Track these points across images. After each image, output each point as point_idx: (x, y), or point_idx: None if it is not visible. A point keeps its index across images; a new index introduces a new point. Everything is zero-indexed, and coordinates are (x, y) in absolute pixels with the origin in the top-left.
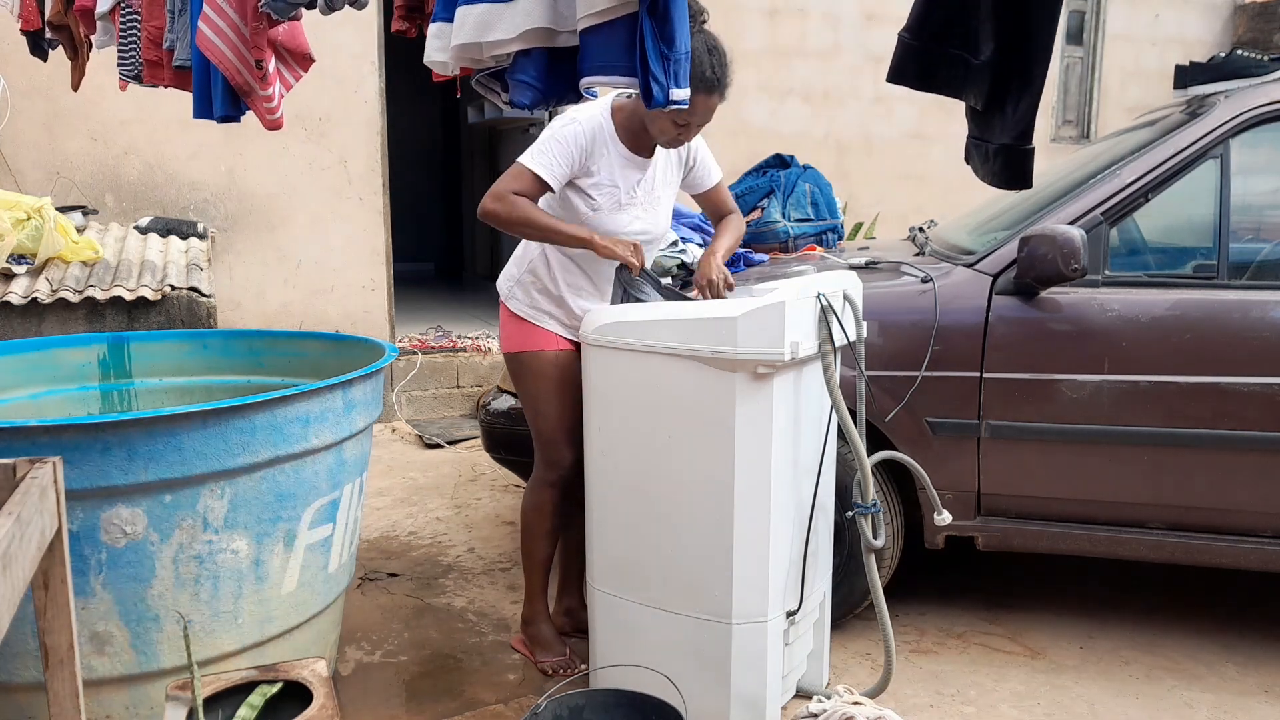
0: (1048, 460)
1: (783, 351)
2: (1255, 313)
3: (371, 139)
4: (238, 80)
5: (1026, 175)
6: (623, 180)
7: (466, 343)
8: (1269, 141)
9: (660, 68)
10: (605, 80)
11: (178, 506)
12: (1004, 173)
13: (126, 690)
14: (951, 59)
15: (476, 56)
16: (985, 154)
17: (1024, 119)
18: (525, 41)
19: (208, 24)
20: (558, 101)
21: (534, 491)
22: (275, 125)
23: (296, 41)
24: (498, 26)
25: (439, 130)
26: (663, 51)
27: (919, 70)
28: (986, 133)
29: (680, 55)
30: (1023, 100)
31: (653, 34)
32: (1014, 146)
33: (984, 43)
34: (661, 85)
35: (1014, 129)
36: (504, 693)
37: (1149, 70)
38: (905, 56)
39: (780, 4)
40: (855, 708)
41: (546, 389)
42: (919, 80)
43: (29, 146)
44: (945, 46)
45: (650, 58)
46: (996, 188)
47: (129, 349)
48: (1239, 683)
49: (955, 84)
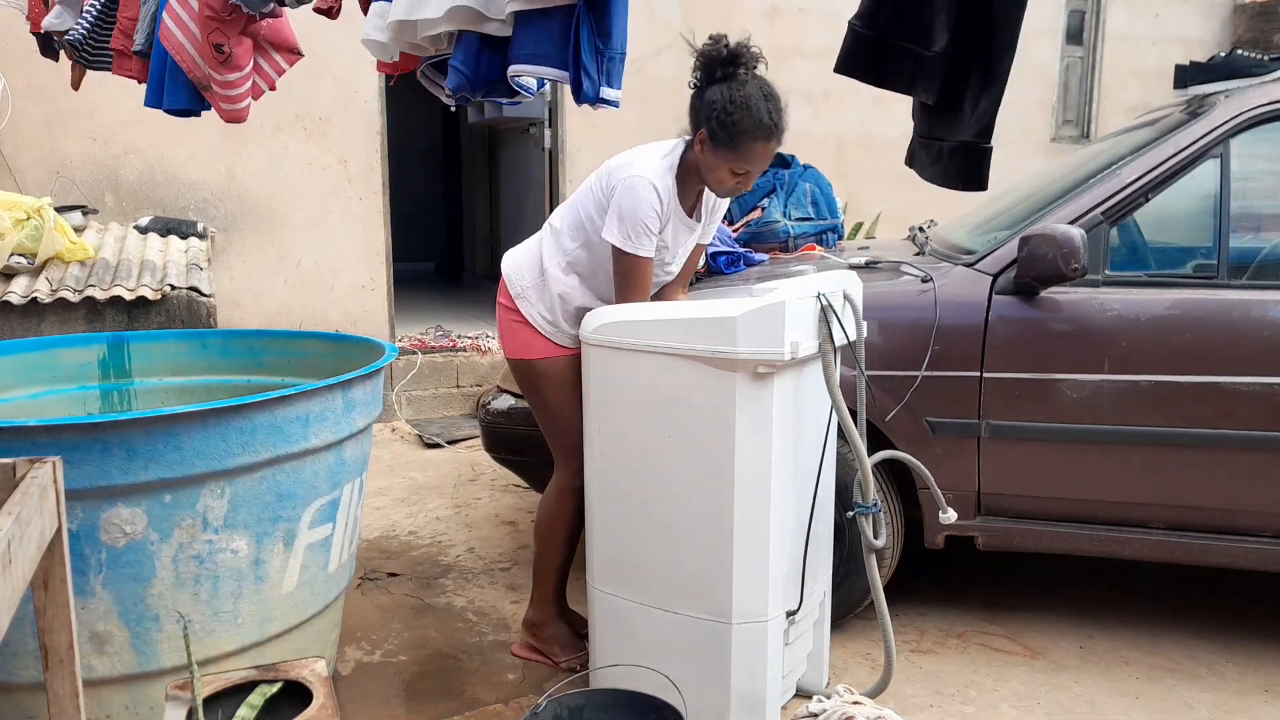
0: (1048, 460)
1: (783, 351)
2: (1255, 313)
3: (371, 139)
4: (197, 75)
5: (982, 176)
6: (674, 242)
7: (466, 342)
8: (1269, 141)
9: (593, 63)
10: (534, 70)
11: (178, 506)
12: (959, 173)
13: (126, 690)
14: (901, 51)
15: (411, 39)
16: (938, 153)
17: (985, 115)
18: (453, 21)
19: (171, 16)
20: (486, 91)
21: (556, 498)
22: (235, 118)
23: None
24: (427, 4)
25: (439, 130)
26: (598, 46)
27: (869, 61)
28: (940, 130)
29: (615, 54)
30: (984, 96)
31: (589, 27)
32: (973, 145)
33: (938, 34)
34: (592, 80)
35: (974, 126)
36: (504, 692)
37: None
38: (855, 45)
39: (780, 4)
40: (855, 708)
41: (562, 393)
42: (869, 72)
43: (29, 146)
44: (897, 38)
45: (584, 51)
46: (948, 189)
47: (129, 349)
48: (1239, 683)
49: (904, 77)
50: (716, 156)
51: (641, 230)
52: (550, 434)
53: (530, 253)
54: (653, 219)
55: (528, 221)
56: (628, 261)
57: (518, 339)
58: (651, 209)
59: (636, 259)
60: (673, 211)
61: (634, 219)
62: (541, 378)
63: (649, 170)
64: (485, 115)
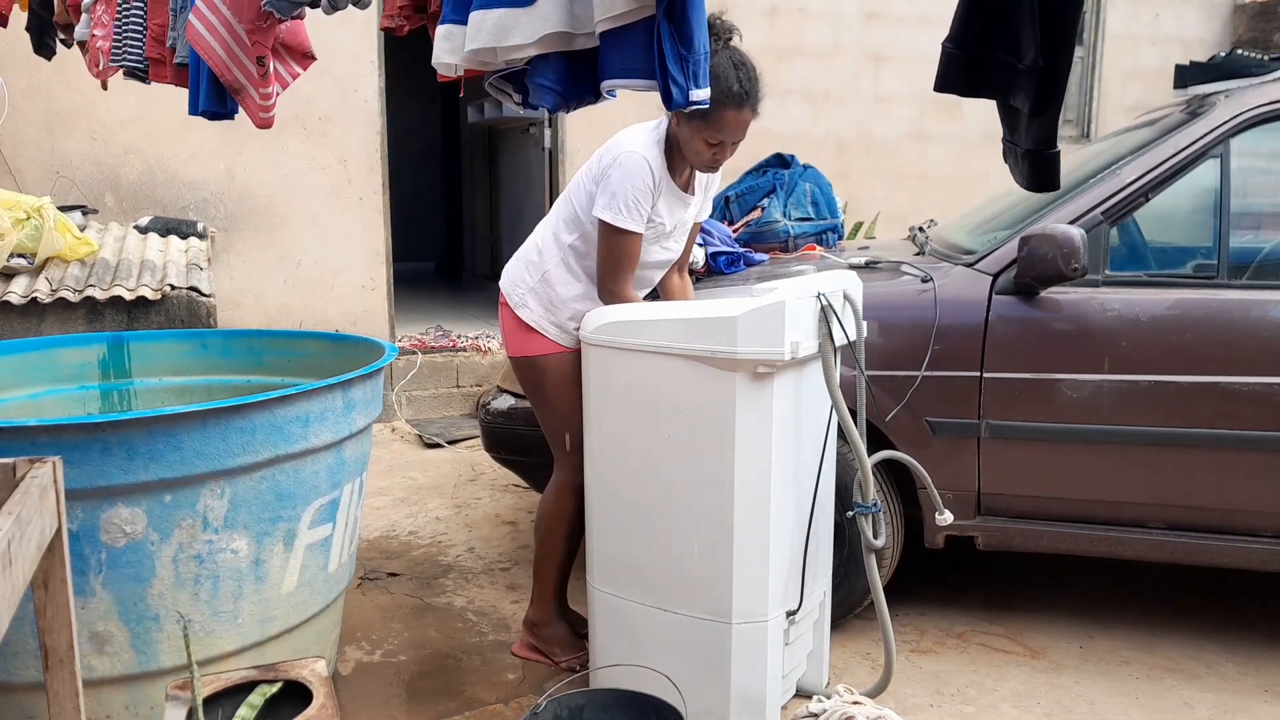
0: (1048, 460)
1: (783, 351)
2: (1255, 313)
3: (371, 139)
4: (227, 78)
5: (1055, 177)
6: (669, 217)
7: (466, 342)
8: (1269, 141)
9: (679, 69)
10: (625, 83)
11: (178, 506)
12: (1032, 175)
13: (126, 690)
14: (999, 64)
15: (490, 60)
16: (1017, 157)
17: (1050, 123)
18: (543, 46)
19: (199, 18)
20: (578, 104)
21: (556, 497)
22: (266, 124)
23: (298, 39)
24: (515, 32)
25: (439, 130)
26: (680, 53)
27: (965, 78)
28: (1015, 136)
29: (699, 56)
30: (1050, 105)
31: (670, 36)
32: (1039, 152)
33: (1026, 47)
34: (681, 87)
35: (1039, 132)
36: (504, 692)
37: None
38: (950, 66)
39: (780, 4)
40: (855, 707)
41: (564, 391)
42: (965, 87)
43: (29, 146)
44: (992, 52)
45: (669, 60)
46: (1028, 190)
47: (128, 348)
48: (1239, 683)
49: (1002, 88)
50: (690, 128)
51: (632, 205)
52: (551, 432)
53: (524, 260)
54: (644, 194)
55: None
56: (616, 238)
57: (519, 337)
58: (643, 183)
59: (625, 235)
60: (664, 185)
61: (625, 194)
62: (543, 375)
63: (638, 145)
64: (485, 115)
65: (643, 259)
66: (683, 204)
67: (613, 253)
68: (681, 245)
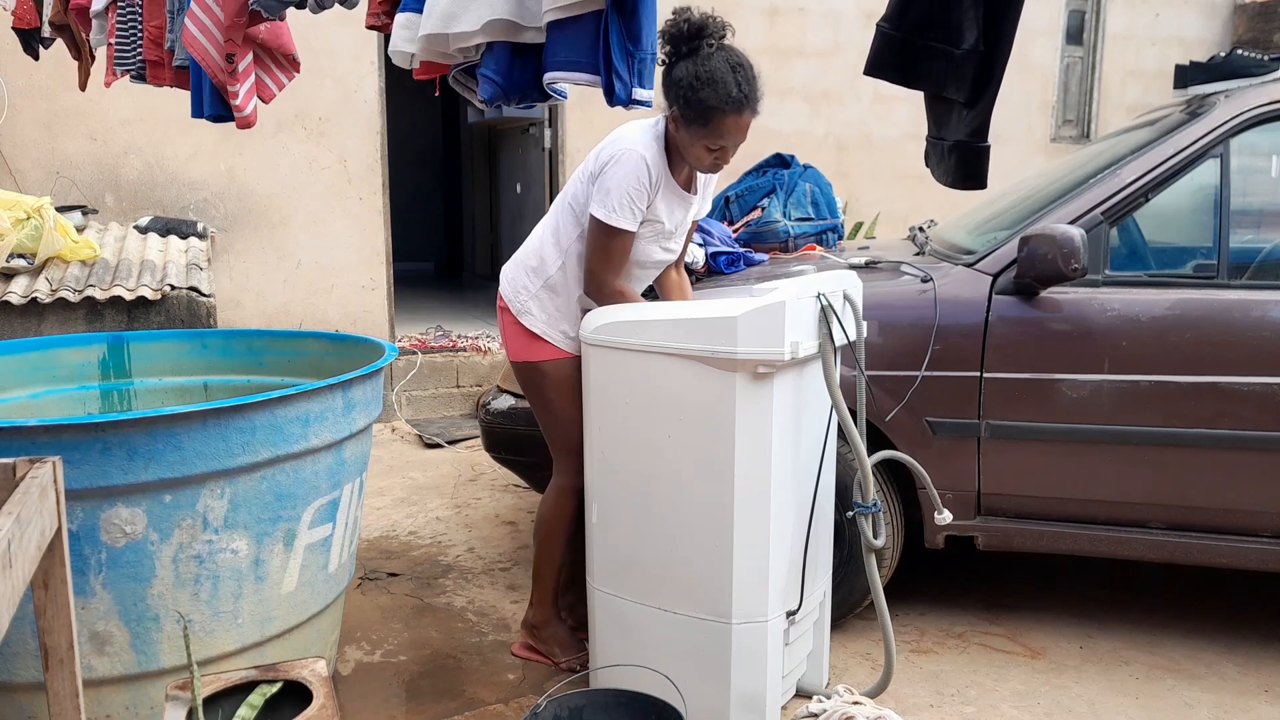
0: (1048, 460)
1: (783, 351)
2: (1255, 313)
3: (371, 139)
4: (220, 80)
5: (983, 174)
6: (669, 217)
7: (466, 342)
8: (1269, 141)
9: (624, 65)
10: (569, 77)
11: (178, 506)
12: (959, 170)
13: (126, 690)
14: (934, 52)
15: (443, 49)
16: (941, 152)
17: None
18: (489, 33)
19: (193, 21)
20: (520, 98)
21: (556, 500)
22: (246, 124)
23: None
24: (463, 18)
25: (439, 130)
26: (628, 49)
27: (898, 62)
28: (943, 130)
29: (646, 54)
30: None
31: (619, 30)
32: (968, 144)
33: (967, 31)
34: (625, 83)
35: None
36: (504, 692)
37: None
38: (884, 47)
39: (780, 4)
40: (855, 708)
41: (565, 395)
42: (898, 73)
43: (29, 146)
44: (927, 38)
45: (615, 54)
46: (951, 188)
47: (128, 349)
48: (1239, 683)
49: (936, 77)
50: (690, 134)
51: (626, 203)
52: (551, 435)
53: (525, 266)
54: (640, 192)
55: (528, 221)
56: (608, 235)
57: (521, 343)
58: (639, 181)
59: (616, 232)
60: (663, 183)
61: (620, 191)
62: (543, 379)
63: (636, 143)
64: (485, 115)
65: (643, 259)
66: (683, 203)
67: (603, 249)
68: (681, 245)
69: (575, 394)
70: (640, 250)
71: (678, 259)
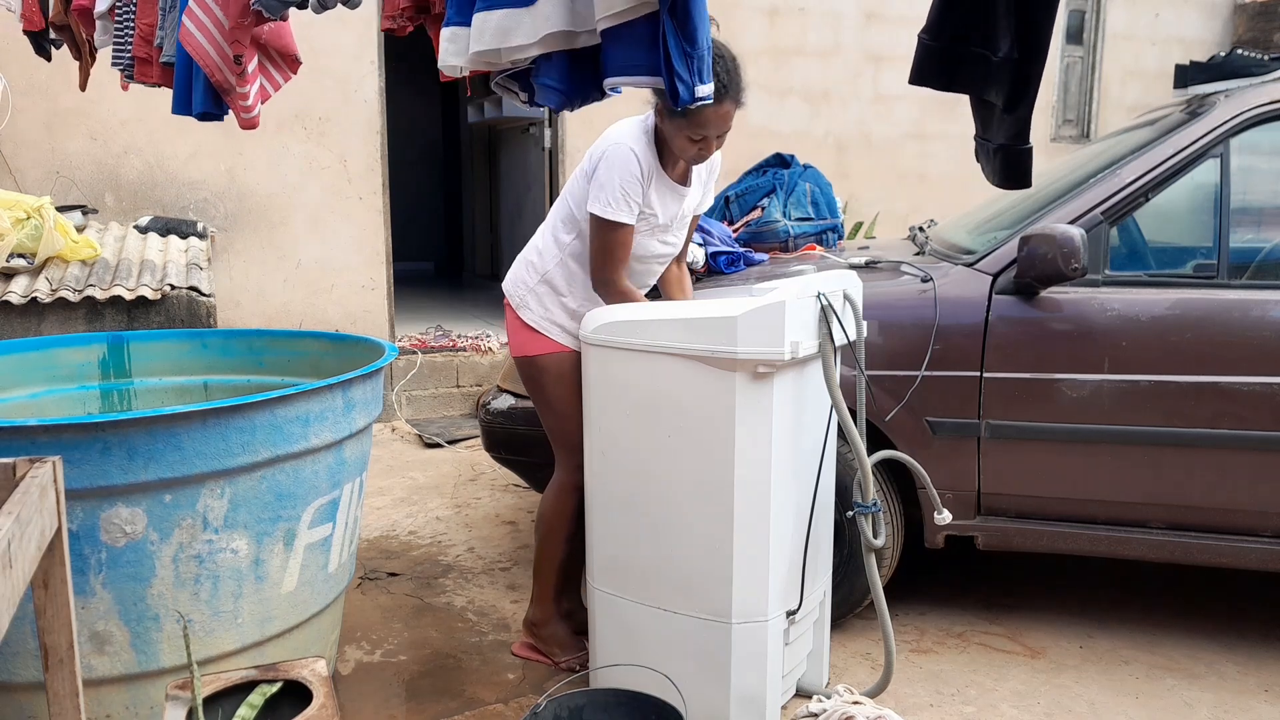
0: (1048, 460)
1: (783, 351)
2: (1255, 313)
3: (371, 139)
4: (218, 79)
5: (1026, 174)
6: (663, 210)
7: (466, 342)
8: (1269, 141)
9: (684, 65)
10: (629, 80)
11: (177, 506)
12: (1004, 171)
13: (126, 690)
14: (974, 57)
15: (494, 61)
16: (989, 153)
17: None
18: (545, 46)
19: (192, 19)
20: (582, 102)
21: (556, 496)
22: (251, 125)
23: (282, 41)
24: (518, 32)
25: (439, 130)
26: (685, 50)
27: (940, 70)
28: (988, 132)
29: (703, 51)
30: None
31: (675, 33)
32: (1010, 147)
33: (1001, 39)
34: (687, 83)
35: (1012, 128)
36: (504, 692)
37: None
38: (925, 58)
39: (780, 4)
40: (855, 707)
41: (566, 391)
42: (940, 80)
43: (29, 146)
44: (967, 45)
45: (674, 56)
46: (999, 188)
47: (128, 348)
48: (1239, 683)
49: (977, 82)
50: (672, 125)
51: (622, 196)
52: (551, 431)
53: (525, 261)
54: (634, 185)
55: (528, 221)
56: (608, 230)
57: (521, 337)
58: (632, 175)
59: (617, 226)
60: (654, 176)
61: (614, 186)
62: (542, 374)
63: (626, 137)
64: (485, 115)
65: (642, 253)
66: (677, 196)
67: (605, 245)
68: (681, 238)
69: (575, 390)
70: (639, 244)
71: (679, 255)
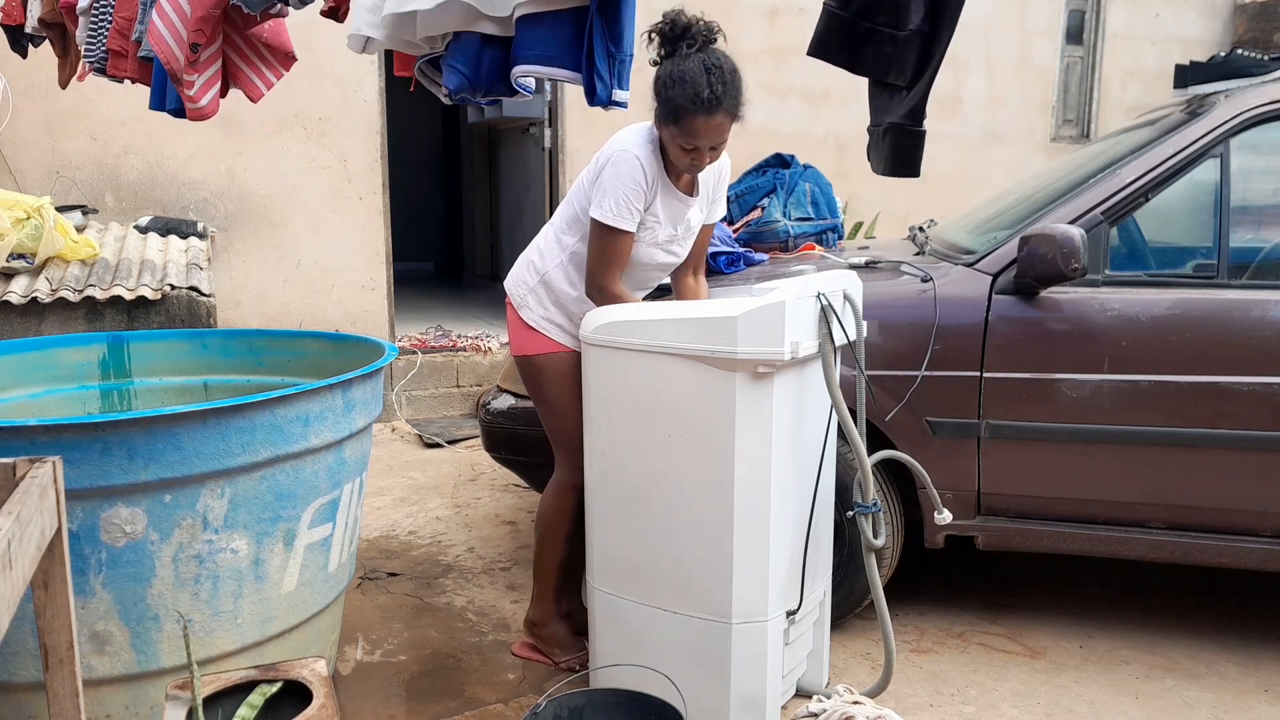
0: (1048, 460)
1: (783, 351)
2: (1255, 313)
3: (371, 139)
4: (172, 67)
5: (916, 160)
6: (667, 219)
7: (466, 342)
8: (1269, 141)
9: (606, 66)
10: (541, 71)
11: (177, 506)
12: (894, 155)
13: (126, 690)
14: (880, 35)
15: (409, 37)
16: (878, 137)
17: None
18: (445, 14)
19: (159, 14)
20: (486, 91)
21: (556, 495)
22: (200, 115)
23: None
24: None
25: (439, 130)
26: (610, 50)
27: (845, 44)
28: (883, 114)
29: (625, 56)
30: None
31: (601, 31)
32: (903, 126)
33: (914, 11)
34: (605, 84)
35: (907, 105)
36: (504, 692)
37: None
38: (831, 28)
39: (780, 4)
40: (855, 707)
41: (565, 391)
42: (844, 56)
43: (29, 146)
44: (874, 21)
45: (597, 55)
46: (887, 175)
47: (128, 348)
48: (1239, 683)
49: (881, 62)
50: (667, 134)
51: (624, 203)
52: (551, 431)
53: (526, 261)
54: (636, 193)
55: (528, 221)
56: (607, 236)
57: (521, 336)
58: (635, 182)
59: (616, 233)
60: (659, 185)
61: (616, 193)
62: (541, 373)
63: (631, 144)
64: (485, 115)
65: (644, 260)
66: (682, 206)
67: (603, 251)
68: (687, 249)
69: (574, 390)
70: (641, 253)
71: (695, 264)
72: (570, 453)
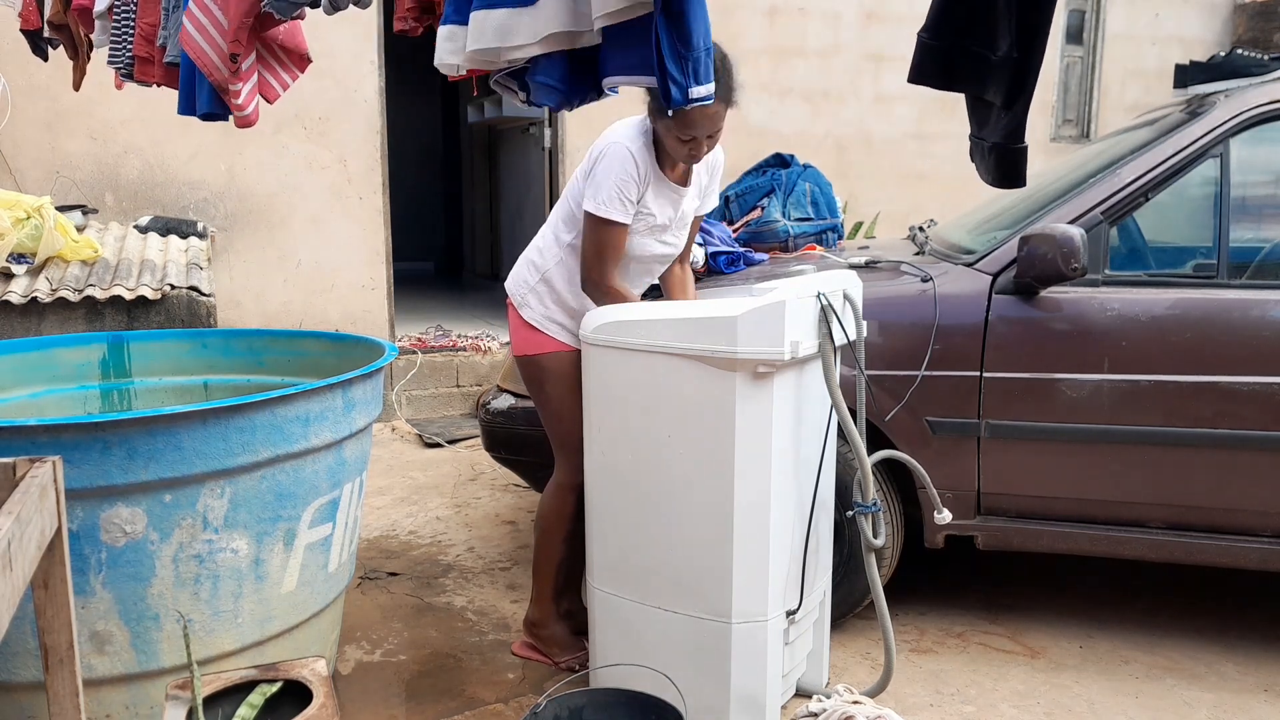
0: (1048, 460)
1: (783, 351)
2: (1255, 312)
3: (371, 139)
4: (216, 78)
5: (1021, 173)
6: (660, 210)
7: (466, 342)
8: (1269, 141)
9: (677, 67)
10: (626, 80)
11: (178, 506)
12: (998, 170)
13: (126, 689)
14: (973, 56)
15: (493, 60)
16: (983, 152)
17: (1018, 117)
18: (546, 46)
19: (191, 20)
20: (581, 101)
21: (555, 496)
22: (246, 123)
23: (295, 41)
24: (519, 32)
25: (439, 130)
26: (679, 51)
27: (939, 69)
28: (983, 131)
29: (699, 53)
30: (1020, 98)
31: (668, 33)
32: (1005, 145)
33: (1001, 38)
34: (680, 85)
35: (1008, 126)
36: (504, 692)
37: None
38: (925, 57)
39: (780, 4)
40: (855, 707)
41: (565, 390)
42: (939, 79)
43: (29, 146)
44: (967, 44)
45: (666, 57)
46: (994, 186)
47: (128, 348)
48: (1239, 682)
49: (976, 81)
50: (662, 125)
51: (617, 195)
52: (552, 431)
53: (526, 260)
54: (629, 184)
55: (528, 221)
56: (601, 228)
57: (521, 335)
58: (628, 173)
59: (610, 225)
60: (651, 177)
61: (609, 185)
62: (541, 372)
63: (623, 137)
64: (485, 115)
65: (641, 253)
66: (676, 197)
67: (597, 244)
68: (682, 239)
69: (575, 389)
70: (636, 244)
71: (682, 254)
72: (570, 453)
